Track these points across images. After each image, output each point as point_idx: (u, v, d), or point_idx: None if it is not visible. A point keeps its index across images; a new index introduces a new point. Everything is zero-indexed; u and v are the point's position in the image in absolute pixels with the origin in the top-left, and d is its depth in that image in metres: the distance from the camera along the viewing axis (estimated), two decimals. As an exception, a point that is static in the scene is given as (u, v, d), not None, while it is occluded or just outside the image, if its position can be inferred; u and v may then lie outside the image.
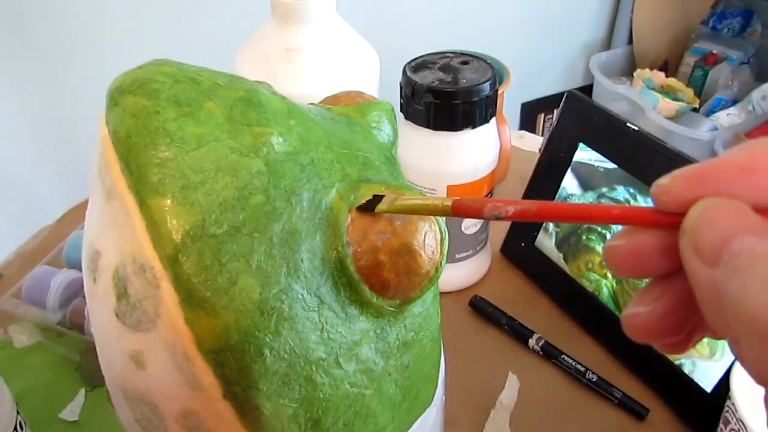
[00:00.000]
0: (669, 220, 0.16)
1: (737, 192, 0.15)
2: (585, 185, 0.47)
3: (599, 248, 0.46)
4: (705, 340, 0.40)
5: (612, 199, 0.46)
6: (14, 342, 0.46)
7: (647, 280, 0.17)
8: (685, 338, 0.17)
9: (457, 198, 0.19)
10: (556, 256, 0.49)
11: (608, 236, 0.46)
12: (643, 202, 0.44)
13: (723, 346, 0.39)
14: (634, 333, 0.17)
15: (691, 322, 0.17)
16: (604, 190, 0.46)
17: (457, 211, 0.19)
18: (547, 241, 0.50)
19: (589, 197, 0.47)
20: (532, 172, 0.51)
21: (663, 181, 0.16)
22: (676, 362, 0.41)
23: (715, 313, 0.14)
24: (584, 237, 0.47)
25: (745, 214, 0.14)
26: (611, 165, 0.45)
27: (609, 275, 0.46)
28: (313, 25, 0.45)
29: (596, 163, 0.46)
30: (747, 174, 0.15)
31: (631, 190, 0.44)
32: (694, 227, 0.15)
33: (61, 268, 0.47)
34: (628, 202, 0.45)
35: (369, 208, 0.22)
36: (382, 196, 0.22)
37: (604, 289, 0.46)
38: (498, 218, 0.18)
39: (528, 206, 0.17)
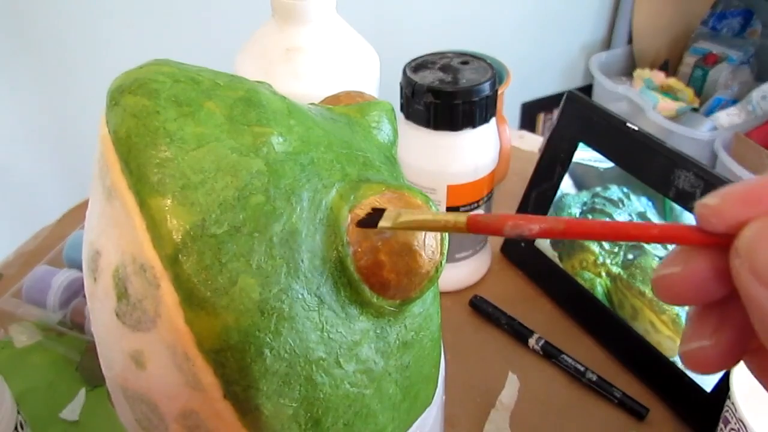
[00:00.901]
0: (714, 240, 0.15)
1: None
2: (579, 185, 0.47)
3: (593, 247, 0.46)
4: None
5: (606, 198, 0.46)
6: (14, 342, 0.46)
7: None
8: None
9: (472, 214, 0.18)
10: (551, 255, 0.49)
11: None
12: (636, 201, 0.44)
13: None
14: (697, 367, 0.16)
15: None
16: (598, 189, 0.46)
17: (473, 228, 0.17)
18: (542, 241, 0.50)
19: (584, 197, 0.47)
20: (532, 172, 0.51)
21: (711, 201, 0.15)
22: (671, 359, 0.41)
23: None
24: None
25: None
26: (605, 165, 0.45)
27: (603, 274, 0.46)
28: (313, 25, 0.45)
29: (591, 163, 0.46)
30: None
31: (625, 190, 0.44)
32: (750, 247, 0.14)
33: (62, 268, 0.47)
34: (622, 202, 0.45)
35: (370, 223, 0.21)
36: (382, 210, 0.21)
37: (599, 288, 0.46)
38: (520, 236, 0.16)
39: (554, 224, 0.16)
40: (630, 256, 0.44)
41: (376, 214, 0.21)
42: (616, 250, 0.45)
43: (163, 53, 0.24)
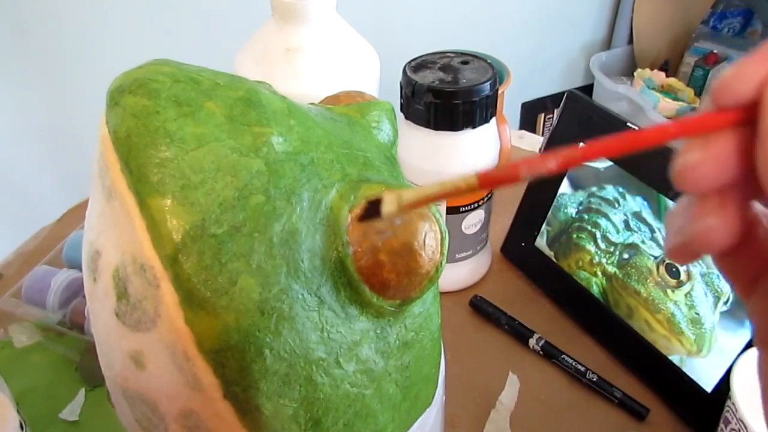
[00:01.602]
0: (736, 117, 0.15)
1: None
2: (575, 184, 0.48)
3: (589, 246, 0.46)
4: (692, 336, 0.40)
5: (601, 198, 0.46)
6: (14, 342, 0.46)
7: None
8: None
9: (482, 171, 0.17)
10: (550, 255, 0.49)
11: (598, 235, 0.46)
12: (632, 200, 0.44)
13: (710, 342, 0.39)
14: (706, 246, 0.16)
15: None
16: (594, 189, 0.46)
17: (485, 185, 0.16)
18: (538, 240, 0.50)
19: (580, 196, 0.47)
20: (533, 172, 0.51)
21: (727, 72, 0.15)
22: (670, 358, 0.41)
23: None
24: (575, 235, 0.47)
25: None
26: (601, 165, 0.45)
27: (599, 273, 0.46)
28: (313, 25, 0.45)
29: (587, 163, 0.47)
30: None
31: (620, 189, 0.45)
32: None
33: (61, 268, 0.47)
34: (617, 201, 0.45)
35: (372, 214, 0.20)
36: (378, 201, 0.20)
37: (594, 287, 0.46)
38: (539, 176, 0.16)
39: (570, 153, 0.16)
40: (625, 256, 0.44)
41: (374, 205, 0.20)
42: (611, 249, 0.45)
43: (163, 53, 0.24)
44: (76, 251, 0.48)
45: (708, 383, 0.39)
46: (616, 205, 0.45)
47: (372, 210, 0.20)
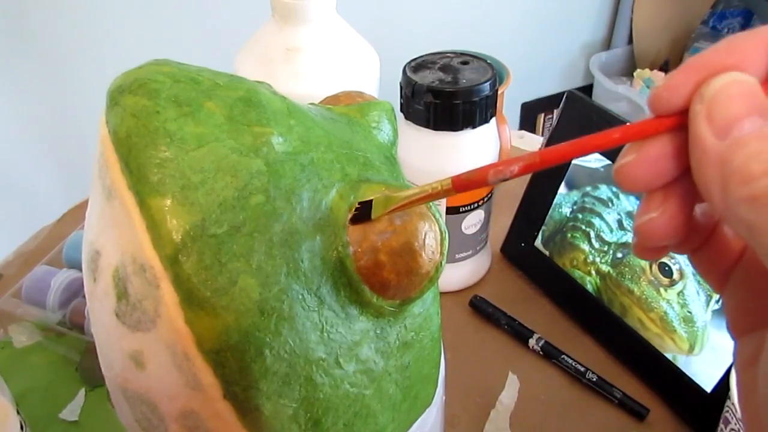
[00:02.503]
0: (671, 123, 0.16)
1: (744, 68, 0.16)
2: (570, 184, 0.48)
3: (583, 245, 0.46)
4: (684, 335, 0.40)
5: (595, 197, 0.46)
6: (14, 342, 0.46)
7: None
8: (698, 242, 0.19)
9: (455, 175, 0.18)
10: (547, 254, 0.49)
11: (592, 235, 0.46)
12: (625, 200, 0.44)
13: (702, 341, 0.40)
14: (649, 239, 0.18)
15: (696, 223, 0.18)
16: (588, 189, 0.46)
17: (459, 187, 0.18)
18: (539, 240, 0.50)
19: (574, 196, 0.47)
20: (532, 172, 0.51)
21: (661, 83, 0.17)
22: (670, 357, 0.41)
23: (710, 179, 0.15)
24: (569, 235, 0.47)
25: (758, 96, 0.15)
26: (595, 165, 0.46)
27: (593, 272, 0.46)
28: (313, 25, 0.45)
29: (582, 163, 0.47)
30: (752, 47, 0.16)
31: (614, 189, 0.45)
32: (713, 97, 0.15)
33: (61, 268, 0.47)
34: (611, 201, 0.45)
35: (363, 217, 0.21)
36: (369, 202, 0.21)
37: (588, 286, 0.46)
38: (504, 180, 0.17)
39: (531, 159, 0.17)
40: (619, 255, 0.44)
41: (365, 206, 0.21)
42: (605, 249, 0.45)
43: (163, 53, 0.24)
44: (76, 251, 0.48)
45: (708, 383, 0.39)
46: (610, 205, 0.45)
47: (363, 212, 0.21)
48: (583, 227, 0.47)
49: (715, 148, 0.15)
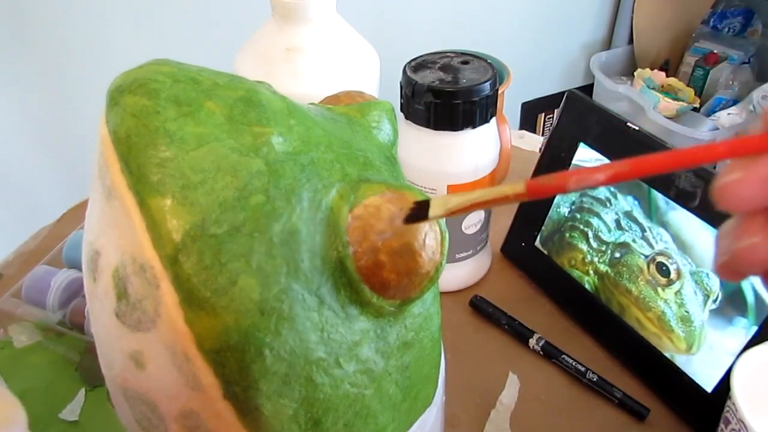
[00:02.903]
0: None
1: None
2: None
3: (581, 245, 0.46)
4: (681, 334, 0.40)
5: (593, 197, 0.46)
6: (14, 342, 0.46)
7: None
8: None
9: (530, 179, 0.17)
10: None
11: (590, 234, 0.46)
12: (623, 199, 0.44)
13: (699, 340, 0.40)
14: (748, 265, 0.16)
15: None
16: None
17: (533, 192, 0.17)
18: (539, 240, 0.50)
19: (572, 196, 0.47)
20: (533, 172, 0.51)
21: None
22: (669, 357, 0.41)
23: None
24: (567, 234, 0.47)
25: None
26: (592, 164, 0.46)
27: (591, 272, 0.46)
28: (313, 25, 0.45)
29: (583, 164, 0.47)
30: None
31: (612, 189, 0.45)
32: None
33: (61, 268, 0.47)
34: (609, 201, 0.45)
35: (420, 216, 0.20)
36: (426, 201, 0.20)
37: (587, 286, 0.46)
38: (587, 188, 0.16)
39: (618, 168, 0.16)
40: (617, 255, 0.44)
41: (422, 206, 0.20)
42: (603, 248, 0.45)
43: (163, 53, 0.24)
44: (76, 251, 0.48)
45: (708, 383, 0.39)
46: (608, 205, 0.45)
47: (419, 211, 0.20)
48: (581, 227, 0.47)
49: None
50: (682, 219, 0.40)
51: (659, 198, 0.42)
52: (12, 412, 0.23)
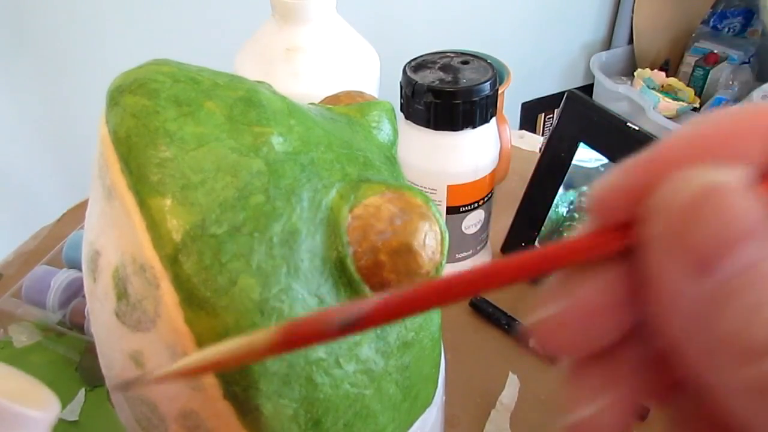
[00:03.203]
0: (617, 244, 0.11)
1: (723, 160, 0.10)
2: (567, 184, 0.48)
3: None
4: None
5: None
6: (14, 342, 0.46)
7: None
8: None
9: (286, 324, 0.12)
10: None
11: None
12: None
13: None
14: None
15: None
16: (584, 188, 0.46)
17: (285, 345, 0.12)
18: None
19: (570, 195, 0.47)
20: (533, 172, 0.51)
21: (600, 184, 0.11)
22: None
23: (684, 343, 0.10)
24: (565, 234, 0.47)
25: (751, 206, 0.09)
26: (592, 164, 0.46)
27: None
28: (313, 25, 0.45)
29: (580, 163, 0.47)
30: (733, 138, 0.10)
31: None
32: (679, 209, 0.10)
33: (61, 268, 0.47)
34: None
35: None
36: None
37: None
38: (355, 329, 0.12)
39: (387, 305, 0.12)
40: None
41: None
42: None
43: (163, 53, 0.24)
44: (76, 251, 0.48)
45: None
46: None
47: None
48: (580, 227, 0.47)
49: (691, 294, 0.09)
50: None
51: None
52: (46, 398, 0.23)
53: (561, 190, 0.48)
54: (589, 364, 0.12)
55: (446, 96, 0.41)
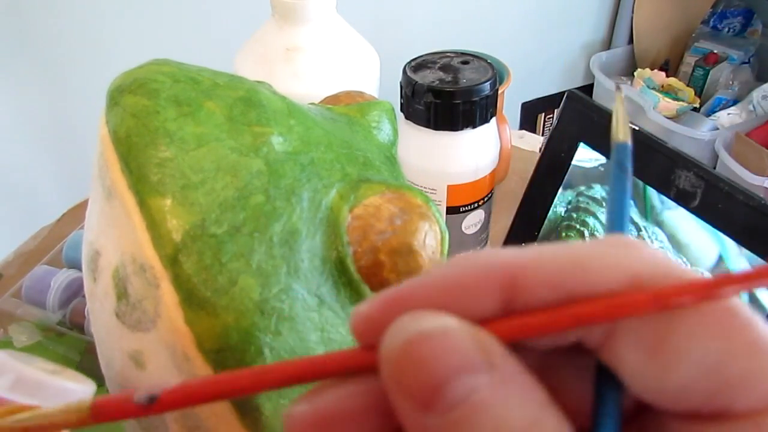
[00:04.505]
0: (366, 363, 0.12)
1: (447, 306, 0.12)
2: (565, 184, 0.48)
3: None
4: None
5: (589, 197, 0.46)
6: (14, 342, 0.46)
7: None
8: None
9: (97, 400, 0.13)
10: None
11: (586, 234, 0.46)
12: None
13: None
14: None
15: None
16: (582, 188, 0.46)
17: (99, 416, 0.13)
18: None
19: (569, 195, 0.47)
20: (533, 172, 0.51)
21: (363, 306, 0.12)
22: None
23: None
24: (564, 234, 0.47)
25: (459, 342, 0.11)
26: (590, 164, 0.46)
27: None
28: (313, 25, 0.45)
29: (578, 163, 0.47)
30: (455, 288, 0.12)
31: (608, 189, 0.45)
32: (392, 355, 0.11)
33: (61, 268, 0.47)
34: (605, 201, 0.45)
35: None
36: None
37: None
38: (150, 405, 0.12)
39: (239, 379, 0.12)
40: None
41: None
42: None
43: (163, 53, 0.24)
44: (76, 251, 0.48)
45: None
46: (604, 204, 0.45)
47: None
48: (578, 226, 0.47)
49: (423, 427, 0.11)
50: (678, 218, 0.40)
51: (654, 197, 0.42)
52: (80, 377, 0.24)
53: (559, 189, 0.48)
54: None
55: (446, 96, 0.41)
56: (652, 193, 0.42)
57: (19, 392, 0.22)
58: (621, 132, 0.16)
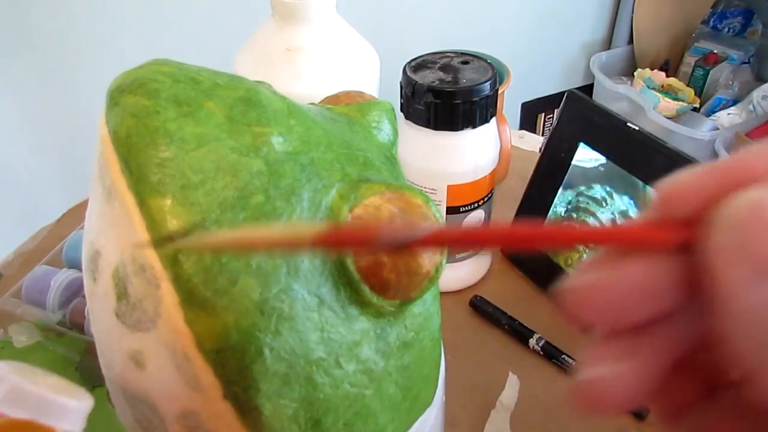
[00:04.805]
0: (677, 237, 0.11)
1: None
2: (565, 184, 0.48)
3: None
4: None
5: (589, 197, 0.46)
6: (14, 342, 0.46)
7: None
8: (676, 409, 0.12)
9: (333, 224, 0.13)
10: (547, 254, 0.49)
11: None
12: (619, 199, 0.44)
13: None
14: (599, 403, 0.12)
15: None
16: (582, 188, 0.46)
17: (326, 240, 0.13)
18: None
19: (569, 195, 0.47)
20: (533, 172, 0.51)
21: (674, 179, 0.12)
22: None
23: (749, 339, 0.10)
24: None
25: None
26: (590, 164, 0.46)
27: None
28: (313, 25, 0.45)
29: (578, 163, 0.47)
30: None
31: (608, 189, 0.45)
32: (745, 221, 0.10)
33: (61, 268, 0.47)
34: (605, 200, 0.45)
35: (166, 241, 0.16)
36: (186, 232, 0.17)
37: None
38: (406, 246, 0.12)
39: (447, 233, 0.13)
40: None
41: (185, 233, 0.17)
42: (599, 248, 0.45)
43: (163, 53, 0.24)
44: (76, 251, 0.48)
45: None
46: (604, 204, 0.45)
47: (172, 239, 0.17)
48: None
49: (750, 298, 0.10)
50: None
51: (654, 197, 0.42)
52: (79, 391, 0.24)
53: (560, 190, 0.48)
54: (618, 334, 0.12)
55: (446, 96, 0.41)
56: (653, 193, 0.42)
57: (12, 406, 0.23)
58: None
